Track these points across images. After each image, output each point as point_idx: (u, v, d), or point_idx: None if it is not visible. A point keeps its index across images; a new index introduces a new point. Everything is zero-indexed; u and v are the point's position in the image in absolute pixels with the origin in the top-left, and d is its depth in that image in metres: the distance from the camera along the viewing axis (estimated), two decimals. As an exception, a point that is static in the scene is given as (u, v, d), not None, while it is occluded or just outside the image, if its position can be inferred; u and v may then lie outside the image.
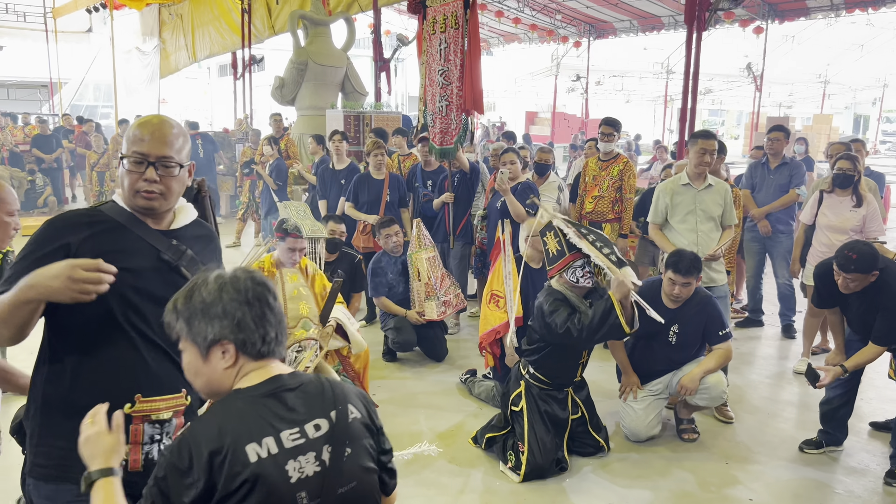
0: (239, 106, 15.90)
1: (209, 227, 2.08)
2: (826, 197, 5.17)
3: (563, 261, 3.69)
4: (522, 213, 5.14)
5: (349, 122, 9.55)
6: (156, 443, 1.80)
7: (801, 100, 36.98)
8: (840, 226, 5.05)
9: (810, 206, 5.27)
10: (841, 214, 5.07)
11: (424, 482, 3.62)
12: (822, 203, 5.18)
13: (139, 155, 1.77)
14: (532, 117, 27.98)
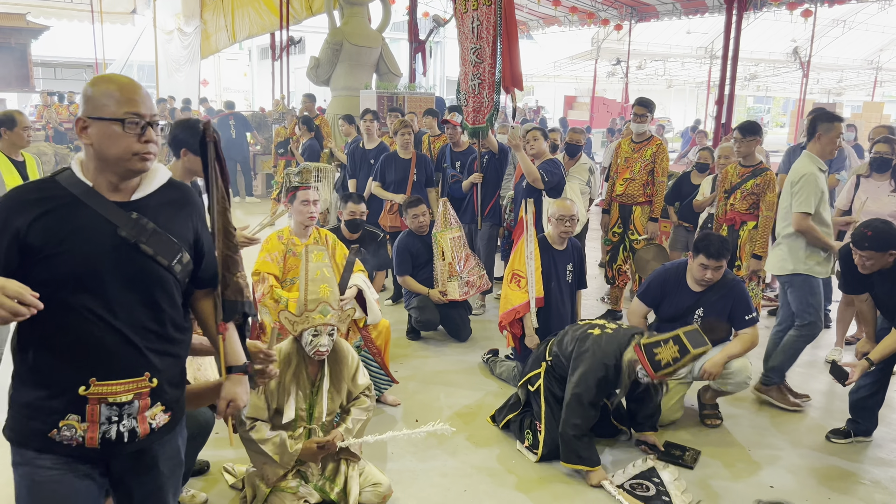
0: (277, 87, 16.05)
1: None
2: (863, 181, 5.01)
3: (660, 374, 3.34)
4: (535, 173, 5.07)
5: (383, 103, 9.56)
6: (114, 423, 1.78)
7: (852, 87, 35.82)
8: (877, 211, 4.89)
9: (846, 191, 5.12)
10: (879, 199, 4.91)
11: (441, 460, 3.63)
12: (858, 188, 5.02)
13: (136, 116, 1.71)
14: (570, 102, 27.63)
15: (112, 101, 1.71)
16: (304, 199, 4.01)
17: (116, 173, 1.74)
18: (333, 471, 3.12)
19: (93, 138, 1.71)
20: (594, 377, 3.43)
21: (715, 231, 5.44)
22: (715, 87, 27.08)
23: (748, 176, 5.20)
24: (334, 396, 3.12)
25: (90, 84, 1.75)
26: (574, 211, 4.46)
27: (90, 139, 1.71)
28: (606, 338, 3.53)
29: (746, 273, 5.17)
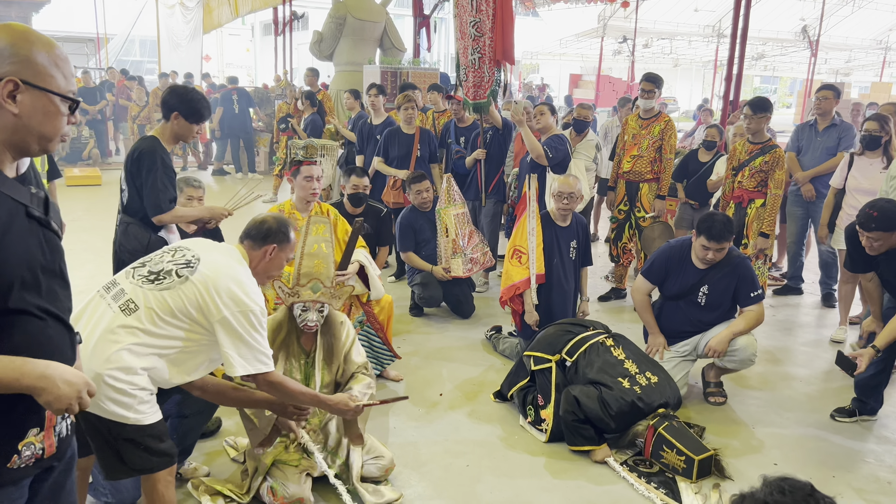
0: (280, 63, 15.90)
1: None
2: (856, 159, 4.96)
3: (647, 451, 3.39)
4: (538, 148, 5.01)
5: (386, 79, 9.46)
6: (65, 419, 1.61)
7: (860, 67, 35.43)
8: (870, 188, 4.84)
9: (840, 169, 5.07)
10: (871, 177, 4.86)
11: (444, 435, 3.62)
12: (852, 166, 4.96)
13: (74, 95, 1.51)
14: (576, 80, 27.37)
15: (59, 74, 1.48)
16: (308, 175, 3.97)
17: (21, 151, 1.48)
18: (336, 444, 3.11)
19: (23, 108, 1.42)
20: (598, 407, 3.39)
21: (722, 209, 5.39)
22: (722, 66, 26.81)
23: (757, 153, 5.14)
24: (326, 370, 3.10)
25: (27, 41, 1.44)
26: (575, 188, 4.41)
27: (18, 108, 1.42)
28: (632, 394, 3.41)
29: (754, 251, 5.13)
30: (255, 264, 2.54)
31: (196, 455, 3.27)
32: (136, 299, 2.26)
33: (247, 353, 2.32)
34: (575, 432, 3.44)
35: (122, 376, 2.17)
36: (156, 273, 2.33)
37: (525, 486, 3.19)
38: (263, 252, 2.56)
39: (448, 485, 3.17)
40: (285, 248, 2.62)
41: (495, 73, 5.23)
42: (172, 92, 3.43)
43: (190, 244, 2.48)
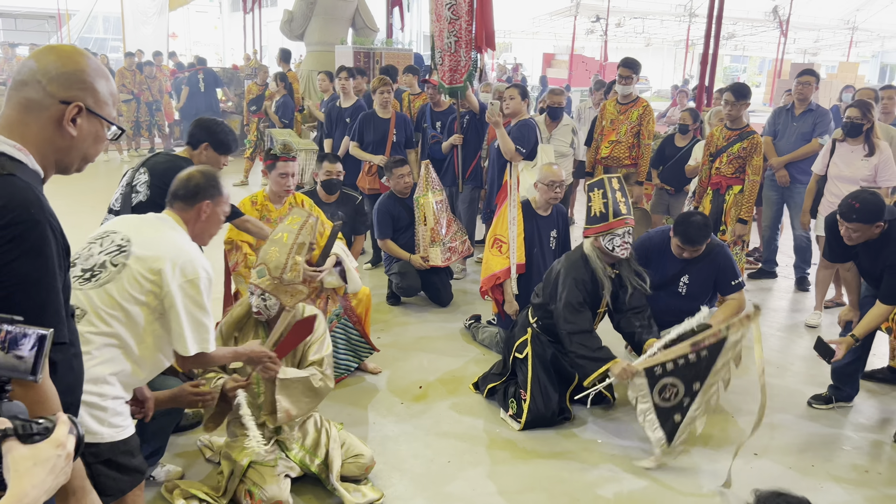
0: (249, 42, 15.57)
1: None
2: (838, 146, 4.97)
3: (604, 225, 3.49)
4: (512, 149, 4.96)
5: (359, 59, 9.27)
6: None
7: (827, 47, 35.84)
8: (851, 175, 4.86)
9: (822, 156, 5.07)
10: (852, 164, 4.87)
11: (424, 430, 3.57)
12: (834, 152, 4.97)
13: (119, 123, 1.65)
14: (549, 59, 27.28)
15: (111, 103, 1.56)
16: (284, 172, 3.87)
17: (63, 169, 1.56)
18: (314, 443, 3.04)
19: (80, 132, 1.50)
20: (571, 281, 3.47)
21: (699, 196, 5.38)
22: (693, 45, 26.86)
23: (734, 139, 5.13)
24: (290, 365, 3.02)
25: (91, 69, 1.50)
26: (563, 176, 4.36)
27: (76, 132, 1.49)
28: (568, 254, 3.70)
29: (732, 238, 5.14)
30: (191, 226, 2.37)
31: (169, 456, 3.18)
32: (80, 303, 2.06)
33: (197, 329, 2.17)
34: (582, 357, 3.39)
35: (90, 388, 2.04)
36: (89, 269, 2.12)
37: (508, 482, 3.16)
38: (197, 211, 2.37)
39: (429, 482, 3.12)
40: (220, 201, 2.44)
41: (472, 56, 5.12)
42: (200, 125, 3.50)
43: (116, 226, 2.27)
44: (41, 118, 1.46)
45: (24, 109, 1.46)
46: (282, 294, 2.90)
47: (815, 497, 3.09)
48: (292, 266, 2.89)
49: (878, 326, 3.65)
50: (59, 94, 1.46)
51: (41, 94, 1.45)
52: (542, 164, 4.62)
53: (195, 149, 3.49)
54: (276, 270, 2.88)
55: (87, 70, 1.50)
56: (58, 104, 1.46)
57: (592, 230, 3.54)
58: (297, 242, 2.93)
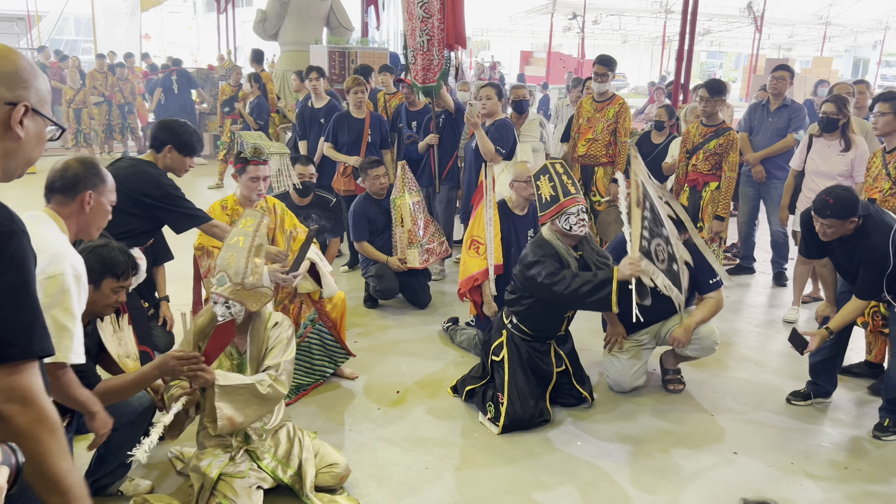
0: (223, 42, 15.40)
1: None
2: (815, 141, 4.98)
3: (556, 206, 3.52)
4: (491, 150, 4.92)
5: (334, 59, 9.18)
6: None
7: (801, 42, 36.26)
8: (828, 171, 4.87)
9: (800, 152, 5.09)
10: (829, 159, 4.88)
11: (402, 435, 3.51)
12: (811, 148, 4.98)
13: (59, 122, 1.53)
14: (527, 57, 27.32)
15: (49, 100, 1.47)
16: (255, 176, 3.77)
17: (8, 176, 1.44)
18: (286, 453, 2.96)
19: (26, 134, 1.40)
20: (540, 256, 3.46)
21: (676, 193, 5.37)
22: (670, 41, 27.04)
23: (711, 136, 5.12)
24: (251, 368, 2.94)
25: (30, 67, 1.42)
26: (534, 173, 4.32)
27: (23, 133, 1.39)
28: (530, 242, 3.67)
29: (709, 234, 5.13)
30: (75, 220, 2.23)
31: (140, 469, 3.09)
32: None
33: (59, 334, 1.90)
34: (594, 293, 3.30)
35: None
36: None
37: (487, 487, 3.11)
38: (80, 203, 2.25)
39: (407, 490, 3.06)
40: (103, 190, 2.31)
41: (445, 55, 5.05)
42: (163, 126, 3.44)
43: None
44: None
45: None
46: (246, 299, 2.81)
47: (795, 495, 3.09)
48: (253, 269, 2.79)
49: (854, 321, 3.64)
50: (5, 96, 1.38)
51: None
52: (516, 162, 4.57)
53: (159, 152, 3.41)
54: (237, 276, 2.78)
55: (26, 68, 1.42)
56: (3, 105, 1.38)
57: (547, 215, 3.57)
58: (253, 245, 2.83)
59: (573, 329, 3.95)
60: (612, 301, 3.29)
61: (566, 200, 3.49)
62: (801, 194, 5.10)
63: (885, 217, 3.44)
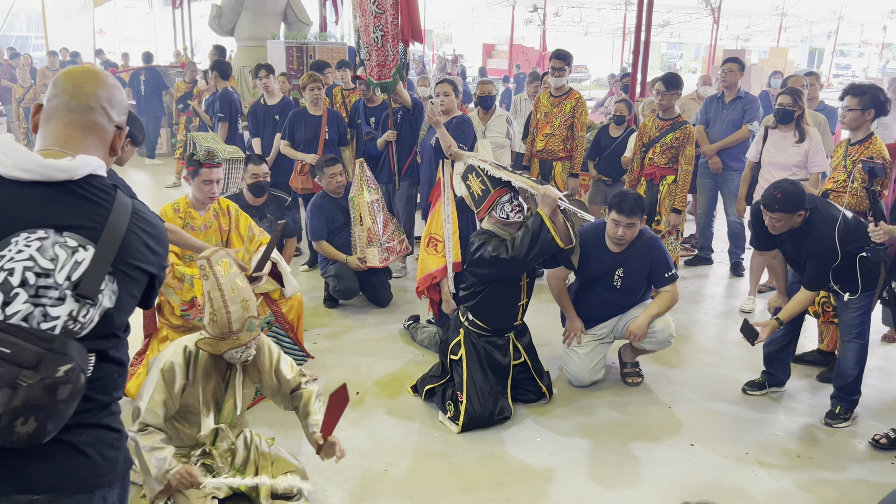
0: (180, 37, 15.11)
1: None
2: (770, 133, 5.05)
3: (489, 199, 3.56)
4: (455, 148, 4.90)
5: (292, 55, 9.06)
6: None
7: (758, 32, 36.90)
8: (783, 162, 4.96)
9: (756, 144, 5.16)
10: (784, 150, 4.96)
11: (360, 438, 3.48)
12: (766, 140, 5.06)
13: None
14: (489, 50, 27.32)
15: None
16: (208, 179, 3.69)
17: None
18: (243, 461, 2.92)
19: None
20: (486, 241, 3.50)
21: (631, 185, 5.41)
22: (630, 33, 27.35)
23: (667, 129, 5.17)
24: (247, 387, 2.90)
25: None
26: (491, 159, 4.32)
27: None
28: (472, 235, 3.70)
29: (667, 227, 5.18)
30: None
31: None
32: None
33: None
34: (539, 239, 3.36)
35: None
36: None
37: (446, 487, 3.10)
38: None
39: (366, 494, 3.04)
40: None
41: (400, 50, 5.00)
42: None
43: None
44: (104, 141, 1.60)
45: (91, 133, 1.58)
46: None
47: (750, 485, 3.14)
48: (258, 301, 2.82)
49: (803, 311, 3.71)
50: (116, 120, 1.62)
51: (105, 119, 1.59)
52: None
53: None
54: (256, 307, 2.74)
55: (122, 92, 1.65)
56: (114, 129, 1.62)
57: (483, 209, 3.61)
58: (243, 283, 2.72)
59: (531, 324, 3.96)
60: (554, 239, 3.36)
61: (496, 191, 3.55)
62: (757, 185, 5.18)
63: (832, 210, 3.50)
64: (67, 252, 1.44)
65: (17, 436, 1.36)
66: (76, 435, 1.51)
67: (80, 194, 1.49)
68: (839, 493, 3.12)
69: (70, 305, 1.44)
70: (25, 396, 1.33)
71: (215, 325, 2.64)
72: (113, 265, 1.49)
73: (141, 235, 1.55)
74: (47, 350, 1.37)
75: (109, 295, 1.50)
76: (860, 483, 3.20)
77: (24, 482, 1.46)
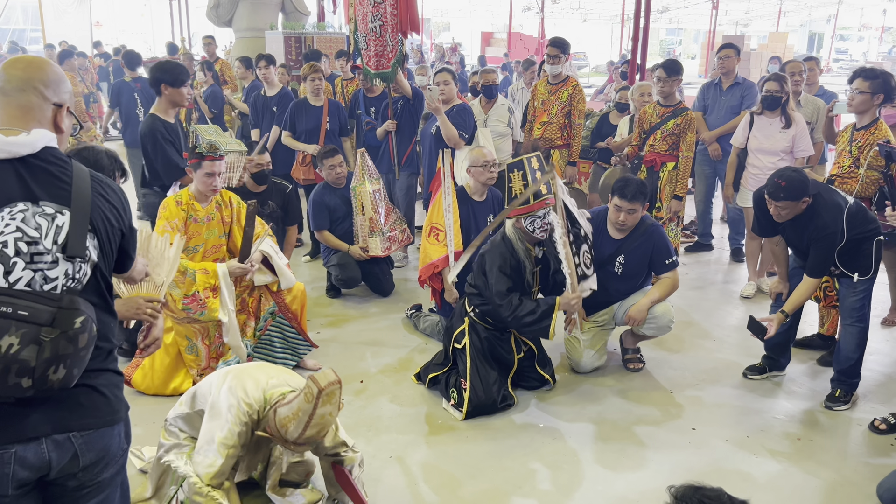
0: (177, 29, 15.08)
1: None
2: (756, 119, 5.05)
3: (526, 207, 3.54)
4: (455, 136, 4.92)
5: (290, 45, 9.05)
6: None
7: (758, 18, 36.75)
8: (770, 147, 4.96)
9: (742, 129, 5.14)
10: (771, 136, 4.96)
11: (366, 426, 3.51)
12: (753, 126, 5.05)
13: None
14: (488, 38, 27.21)
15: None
16: (210, 172, 3.70)
17: None
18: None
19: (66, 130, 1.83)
20: (496, 268, 3.54)
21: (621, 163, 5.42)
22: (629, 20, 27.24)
23: (668, 116, 5.17)
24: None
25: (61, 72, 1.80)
26: (493, 155, 4.34)
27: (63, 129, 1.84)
28: (492, 239, 3.73)
29: (668, 214, 5.20)
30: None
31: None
32: None
33: None
34: (525, 324, 3.53)
35: None
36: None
37: (451, 473, 3.13)
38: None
39: (372, 479, 3.07)
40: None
41: (398, 40, 5.00)
42: (155, 67, 4.15)
43: None
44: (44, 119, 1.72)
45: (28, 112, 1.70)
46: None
47: (751, 468, 3.17)
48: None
49: (807, 300, 3.72)
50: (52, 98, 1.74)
51: (39, 98, 1.71)
52: (474, 148, 4.57)
53: (159, 94, 4.22)
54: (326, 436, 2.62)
55: (64, 75, 1.80)
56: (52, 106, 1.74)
57: (515, 212, 3.59)
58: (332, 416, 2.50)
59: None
60: (549, 332, 3.56)
61: (536, 203, 3.52)
62: (745, 171, 5.18)
63: (836, 197, 3.51)
64: (48, 219, 1.60)
65: (50, 383, 1.54)
66: (93, 379, 1.72)
67: (43, 166, 1.63)
68: (840, 475, 3.15)
69: (64, 266, 1.61)
70: (53, 348, 1.52)
71: (286, 429, 2.45)
72: (91, 223, 1.66)
73: (105, 195, 1.72)
74: (58, 308, 1.54)
75: (93, 250, 1.68)
76: (860, 465, 3.23)
77: (60, 422, 1.66)
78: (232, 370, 2.65)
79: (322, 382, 2.36)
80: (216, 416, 2.51)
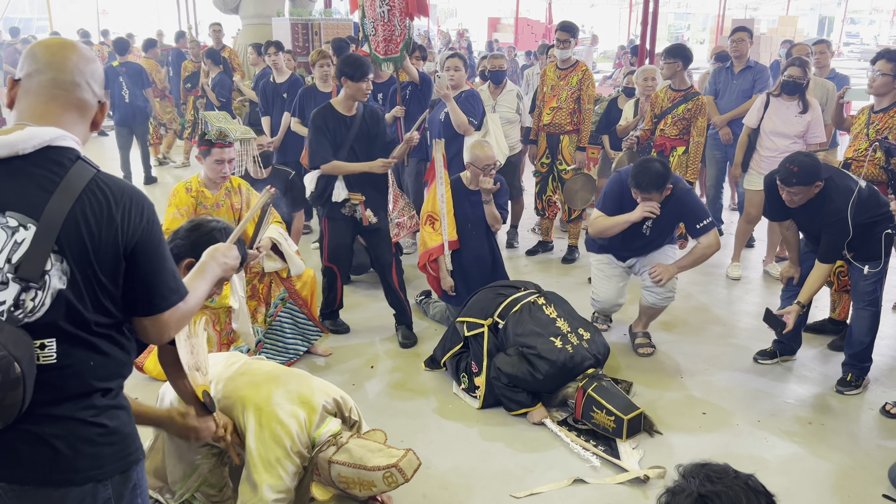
0: (183, 16, 15.05)
1: None
2: (773, 101, 4.99)
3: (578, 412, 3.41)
4: (465, 122, 4.89)
5: (297, 31, 9.02)
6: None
7: (767, 1, 36.33)
8: (785, 131, 4.91)
9: (756, 110, 5.07)
10: (788, 120, 4.91)
11: (376, 410, 3.53)
12: (768, 107, 5.00)
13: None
14: (495, 24, 27.00)
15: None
16: (220, 159, 3.70)
17: None
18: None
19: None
20: (526, 373, 3.37)
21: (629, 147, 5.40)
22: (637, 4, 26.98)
23: (679, 100, 5.14)
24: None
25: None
26: (495, 156, 4.32)
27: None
28: (562, 354, 3.36)
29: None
30: None
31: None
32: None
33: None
34: (509, 398, 3.42)
35: None
36: None
37: (461, 457, 3.15)
38: None
39: (383, 464, 3.08)
40: None
41: (407, 25, 4.97)
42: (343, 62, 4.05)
43: None
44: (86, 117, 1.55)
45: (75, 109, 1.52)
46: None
47: (762, 451, 3.17)
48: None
49: (821, 287, 3.70)
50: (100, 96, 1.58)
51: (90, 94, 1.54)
52: (471, 143, 4.52)
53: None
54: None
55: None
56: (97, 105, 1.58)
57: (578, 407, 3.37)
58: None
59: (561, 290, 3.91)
60: (510, 409, 3.47)
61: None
62: (756, 153, 5.12)
63: (847, 181, 3.49)
64: (7, 233, 1.37)
65: None
66: (43, 426, 1.42)
67: (28, 170, 1.40)
68: (851, 458, 3.14)
69: (14, 289, 1.37)
70: None
71: (345, 484, 2.49)
72: (59, 243, 1.38)
73: (100, 209, 1.42)
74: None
75: (58, 275, 1.39)
76: (872, 448, 3.23)
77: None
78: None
79: (409, 474, 2.45)
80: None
